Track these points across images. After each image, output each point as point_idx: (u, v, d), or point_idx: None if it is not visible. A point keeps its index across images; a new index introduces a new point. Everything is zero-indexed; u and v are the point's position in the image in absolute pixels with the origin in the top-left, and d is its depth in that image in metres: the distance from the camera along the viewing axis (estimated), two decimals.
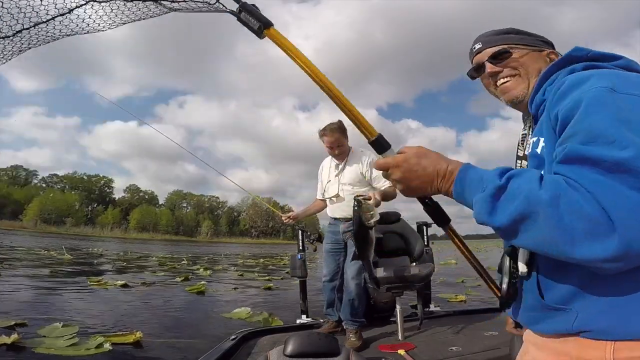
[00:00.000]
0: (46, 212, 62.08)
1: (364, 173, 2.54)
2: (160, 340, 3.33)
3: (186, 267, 11.47)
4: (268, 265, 14.11)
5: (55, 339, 3.04)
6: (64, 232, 55.47)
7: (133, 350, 3.05)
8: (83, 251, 17.80)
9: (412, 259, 2.89)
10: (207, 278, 8.73)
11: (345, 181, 2.56)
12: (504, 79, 0.80)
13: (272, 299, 6.32)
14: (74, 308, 4.72)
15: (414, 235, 3.00)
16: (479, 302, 5.64)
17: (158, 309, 4.98)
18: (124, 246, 27.91)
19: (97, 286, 6.55)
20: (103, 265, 11.46)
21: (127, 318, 4.31)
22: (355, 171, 2.56)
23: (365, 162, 2.56)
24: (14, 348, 2.87)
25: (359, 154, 2.60)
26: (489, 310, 3.08)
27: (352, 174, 2.56)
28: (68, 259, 12.61)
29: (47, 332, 3.20)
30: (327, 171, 2.71)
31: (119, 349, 2.99)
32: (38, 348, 2.87)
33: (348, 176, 2.57)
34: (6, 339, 2.90)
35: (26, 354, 2.80)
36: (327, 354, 1.25)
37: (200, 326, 4.16)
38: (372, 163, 2.51)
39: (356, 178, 2.54)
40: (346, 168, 2.61)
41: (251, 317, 4.51)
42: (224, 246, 43.32)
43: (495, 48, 0.80)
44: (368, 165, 2.55)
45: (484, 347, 2.11)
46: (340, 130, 2.53)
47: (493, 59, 0.80)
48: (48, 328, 3.31)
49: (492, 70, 0.80)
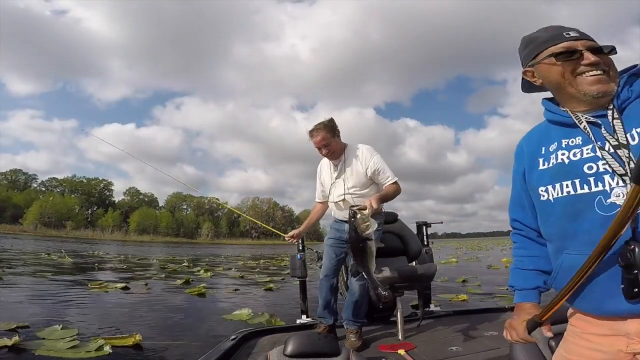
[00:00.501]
0: (46, 216, 61.99)
1: (365, 172, 2.40)
2: (160, 342, 3.33)
3: (187, 270, 11.46)
4: (269, 266, 14.11)
5: (55, 341, 3.05)
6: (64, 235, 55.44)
7: (133, 352, 3.06)
8: (83, 254, 17.78)
9: (409, 259, 2.91)
10: (207, 280, 8.73)
11: (352, 185, 2.42)
12: (599, 72, 0.82)
13: (272, 300, 6.33)
14: (74, 311, 4.73)
15: (411, 236, 3.01)
16: (479, 302, 5.65)
17: (158, 312, 4.98)
18: (124, 249, 27.90)
19: (98, 289, 6.55)
20: (103, 268, 11.46)
21: (127, 321, 4.32)
22: (358, 172, 2.42)
23: (362, 158, 2.42)
24: (15, 350, 2.89)
25: (354, 151, 2.45)
26: (489, 310, 3.08)
27: (357, 177, 2.42)
28: (68, 262, 12.61)
29: (46, 335, 3.21)
30: (328, 172, 2.55)
31: (119, 351, 3.00)
32: (38, 350, 2.88)
33: (353, 179, 2.42)
34: (7, 341, 2.92)
35: (27, 356, 2.81)
36: (327, 354, 1.25)
37: (200, 328, 4.17)
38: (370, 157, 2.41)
39: (361, 180, 2.41)
40: (347, 170, 2.45)
41: (252, 318, 4.52)
42: (224, 247, 43.28)
43: (595, 44, 0.84)
44: (365, 161, 2.41)
45: (484, 347, 2.11)
46: (327, 129, 2.38)
47: (595, 51, 0.83)
48: (48, 330, 3.32)
49: (593, 60, 0.82)
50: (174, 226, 76.21)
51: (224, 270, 11.77)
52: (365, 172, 2.39)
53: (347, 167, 2.47)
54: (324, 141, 2.37)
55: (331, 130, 2.40)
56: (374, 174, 2.40)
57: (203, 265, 13.15)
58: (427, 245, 3.29)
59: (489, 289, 6.91)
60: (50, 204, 63.51)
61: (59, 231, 59.81)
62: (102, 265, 12.20)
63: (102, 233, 65.53)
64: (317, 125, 2.40)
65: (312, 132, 2.40)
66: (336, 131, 2.44)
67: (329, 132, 2.38)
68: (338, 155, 2.47)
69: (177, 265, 12.83)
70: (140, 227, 71.62)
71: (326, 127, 2.38)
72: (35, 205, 61.77)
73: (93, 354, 2.82)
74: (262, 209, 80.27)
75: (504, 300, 5.67)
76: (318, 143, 2.39)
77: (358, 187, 2.41)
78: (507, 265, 12.58)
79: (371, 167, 2.39)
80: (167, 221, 74.94)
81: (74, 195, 74.02)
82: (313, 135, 2.40)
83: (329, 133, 2.38)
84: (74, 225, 64.70)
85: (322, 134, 2.36)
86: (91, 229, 67.71)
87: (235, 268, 12.69)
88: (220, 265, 14.29)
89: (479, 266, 13.04)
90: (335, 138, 2.43)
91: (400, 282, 2.39)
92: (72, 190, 76.31)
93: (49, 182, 78.11)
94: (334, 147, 2.42)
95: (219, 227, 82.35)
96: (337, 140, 2.44)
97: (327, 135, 2.37)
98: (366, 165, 2.40)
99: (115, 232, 67.67)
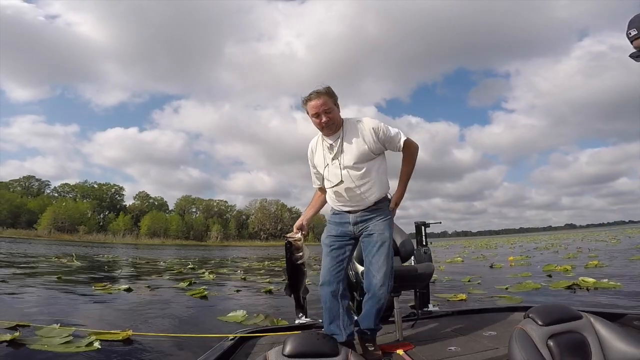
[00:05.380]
0: (59, 221, 63.28)
1: (370, 145, 2.01)
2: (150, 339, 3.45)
3: (192, 272, 11.64)
4: (274, 267, 14.21)
5: (50, 338, 3.23)
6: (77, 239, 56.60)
7: (122, 346, 3.22)
8: (93, 258, 18.17)
9: (402, 259, 2.89)
10: (210, 282, 8.87)
11: (349, 162, 2.02)
12: None
13: (271, 301, 6.41)
14: (75, 311, 4.92)
15: (402, 235, 2.98)
16: (479, 302, 5.63)
17: (156, 312, 5.12)
18: (135, 252, 28.37)
19: (102, 291, 6.74)
20: (111, 270, 11.73)
21: (124, 320, 4.46)
22: (358, 146, 2.01)
23: (365, 130, 2.03)
24: (13, 345, 3.11)
25: (354, 124, 2.06)
26: (488, 310, 3.06)
27: (355, 151, 2.02)
28: (77, 265, 12.91)
29: (44, 333, 3.40)
30: (321, 154, 2.12)
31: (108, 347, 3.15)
32: (33, 345, 3.08)
33: (351, 155, 2.02)
34: (7, 337, 3.16)
35: (22, 350, 3.02)
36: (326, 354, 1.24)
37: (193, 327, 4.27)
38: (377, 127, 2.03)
39: (362, 155, 2.01)
40: (345, 146, 2.03)
41: (247, 320, 4.58)
42: (232, 249, 43.61)
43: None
44: (370, 131, 2.02)
45: (483, 347, 2.09)
46: (328, 95, 1.99)
47: None
48: (46, 329, 3.50)
49: None
50: (183, 229, 77.05)
51: (228, 272, 11.92)
52: (371, 145, 2.02)
53: (346, 144, 2.04)
54: (326, 106, 1.98)
55: (333, 95, 2.02)
56: (388, 143, 2.05)
57: (208, 267, 13.34)
58: (426, 245, 3.20)
59: (489, 289, 6.89)
60: (63, 209, 64.87)
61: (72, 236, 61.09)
62: (111, 268, 12.48)
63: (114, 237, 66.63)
64: (317, 89, 2.00)
65: (311, 96, 1.99)
66: (336, 98, 2.05)
67: (331, 98, 2.01)
68: (335, 130, 2.05)
69: (182, 267, 13.04)
70: (151, 230, 72.61)
71: (329, 93, 2.00)
72: (48, 210, 63.14)
73: (83, 349, 3.00)
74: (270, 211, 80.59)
75: (503, 300, 5.67)
76: (318, 108, 1.97)
77: (358, 163, 2.02)
78: (512, 264, 12.46)
79: (381, 136, 2.02)
80: (177, 224, 75.81)
81: (86, 201, 75.47)
82: (312, 99, 1.99)
83: (331, 98, 2.01)
84: (87, 229, 65.95)
85: (324, 98, 1.98)
86: (103, 233, 68.90)
87: (240, 270, 12.83)
88: (226, 267, 14.46)
89: (483, 265, 12.94)
90: (336, 106, 2.05)
91: (397, 282, 2.32)
92: (84, 196, 77.76)
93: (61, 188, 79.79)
94: (335, 116, 2.02)
95: (228, 229, 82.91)
96: (337, 109, 2.05)
97: (328, 100, 1.99)
98: (374, 136, 2.01)
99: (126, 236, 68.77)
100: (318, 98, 1.97)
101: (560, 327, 1.30)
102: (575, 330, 1.30)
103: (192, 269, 12.52)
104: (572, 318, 1.34)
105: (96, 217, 73.48)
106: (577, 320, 1.33)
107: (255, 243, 77.47)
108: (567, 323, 1.32)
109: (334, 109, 2.01)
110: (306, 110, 2.04)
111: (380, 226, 2.07)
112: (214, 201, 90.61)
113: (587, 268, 9.47)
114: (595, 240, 29.06)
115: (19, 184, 76.02)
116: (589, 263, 10.25)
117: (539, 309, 1.40)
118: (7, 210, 61.51)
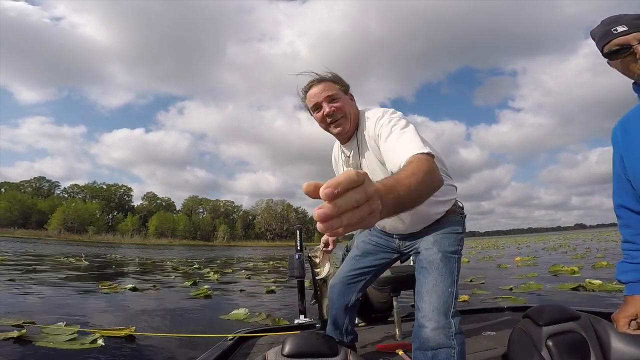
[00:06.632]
0: (69, 221, 64.39)
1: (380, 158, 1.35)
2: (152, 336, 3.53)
3: (197, 271, 11.76)
4: (278, 267, 14.27)
5: (56, 335, 3.31)
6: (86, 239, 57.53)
7: (125, 343, 3.29)
8: (102, 257, 18.43)
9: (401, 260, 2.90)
10: (214, 281, 8.96)
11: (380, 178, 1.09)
12: None
13: (274, 301, 6.46)
14: (81, 310, 5.01)
15: None
16: (478, 302, 5.62)
17: (159, 311, 5.20)
18: (143, 252, 28.68)
19: (108, 290, 6.85)
20: (118, 270, 11.90)
21: (128, 318, 4.54)
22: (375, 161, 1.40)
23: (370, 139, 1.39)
24: (20, 342, 3.20)
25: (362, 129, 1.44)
26: (487, 310, 3.06)
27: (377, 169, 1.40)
28: (85, 265, 13.12)
29: (50, 330, 3.49)
30: (341, 167, 1.60)
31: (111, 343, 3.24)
32: (39, 342, 3.17)
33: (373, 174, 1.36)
34: (14, 334, 3.25)
35: (28, 347, 3.11)
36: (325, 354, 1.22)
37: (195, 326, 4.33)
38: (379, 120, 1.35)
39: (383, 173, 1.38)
40: (362, 162, 1.47)
41: (248, 318, 4.63)
42: (239, 249, 43.86)
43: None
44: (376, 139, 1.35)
45: (482, 347, 2.09)
46: (334, 79, 1.45)
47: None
48: (53, 326, 3.58)
49: None
50: (191, 229, 77.78)
51: (232, 272, 12.02)
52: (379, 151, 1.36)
53: (362, 153, 1.46)
54: (328, 91, 1.40)
55: (339, 81, 1.46)
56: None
57: (214, 267, 13.46)
58: None
59: (492, 289, 6.86)
60: (72, 209, 65.95)
61: (81, 236, 62.10)
62: (117, 268, 12.66)
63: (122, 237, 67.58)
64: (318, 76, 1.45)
65: (313, 83, 1.44)
66: (347, 87, 1.47)
67: (336, 84, 1.44)
68: (349, 134, 1.46)
69: (188, 268, 13.18)
70: (159, 230, 73.46)
71: (334, 77, 1.45)
72: (58, 211, 64.25)
73: (87, 346, 3.08)
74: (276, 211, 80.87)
75: (505, 300, 5.64)
76: (317, 95, 1.41)
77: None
78: (518, 264, 12.36)
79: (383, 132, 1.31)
80: (184, 224, 76.57)
81: (94, 201, 76.62)
82: (311, 87, 1.44)
83: (336, 84, 1.44)
84: (96, 229, 66.99)
85: (324, 83, 1.42)
86: (112, 233, 69.89)
87: (244, 270, 12.92)
88: (231, 267, 14.57)
89: (489, 265, 12.85)
90: (348, 96, 1.47)
91: (396, 281, 2.33)
92: (93, 196, 78.94)
93: (71, 189, 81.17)
94: (344, 106, 1.42)
95: (235, 229, 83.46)
96: (349, 99, 1.47)
97: (332, 86, 1.42)
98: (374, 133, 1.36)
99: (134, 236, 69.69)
100: (318, 83, 1.43)
101: (559, 327, 1.29)
102: (574, 330, 1.30)
103: (197, 269, 12.65)
104: (572, 318, 1.33)
105: (105, 218, 74.54)
106: (577, 320, 1.32)
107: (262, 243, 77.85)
108: (566, 323, 1.31)
109: (342, 97, 1.43)
110: (307, 107, 1.48)
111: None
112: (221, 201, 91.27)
113: (595, 268, 9.37)
114: (605, 241, 28.65)
115: (30, 185, 77.44)
116: (597, 263, 10.13)
117: (538, 309, 1.40)
118: (18, 210, 62.72)
